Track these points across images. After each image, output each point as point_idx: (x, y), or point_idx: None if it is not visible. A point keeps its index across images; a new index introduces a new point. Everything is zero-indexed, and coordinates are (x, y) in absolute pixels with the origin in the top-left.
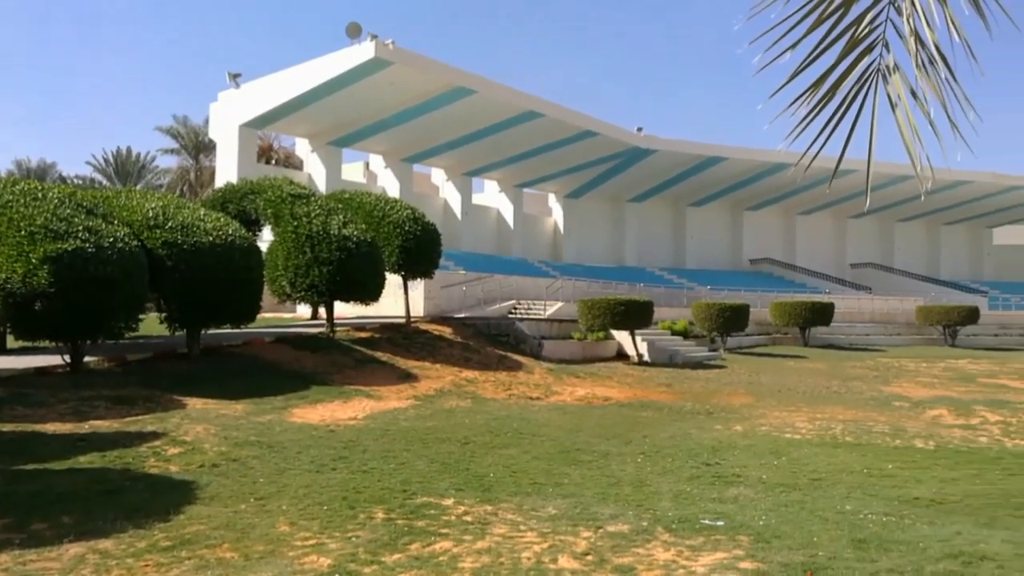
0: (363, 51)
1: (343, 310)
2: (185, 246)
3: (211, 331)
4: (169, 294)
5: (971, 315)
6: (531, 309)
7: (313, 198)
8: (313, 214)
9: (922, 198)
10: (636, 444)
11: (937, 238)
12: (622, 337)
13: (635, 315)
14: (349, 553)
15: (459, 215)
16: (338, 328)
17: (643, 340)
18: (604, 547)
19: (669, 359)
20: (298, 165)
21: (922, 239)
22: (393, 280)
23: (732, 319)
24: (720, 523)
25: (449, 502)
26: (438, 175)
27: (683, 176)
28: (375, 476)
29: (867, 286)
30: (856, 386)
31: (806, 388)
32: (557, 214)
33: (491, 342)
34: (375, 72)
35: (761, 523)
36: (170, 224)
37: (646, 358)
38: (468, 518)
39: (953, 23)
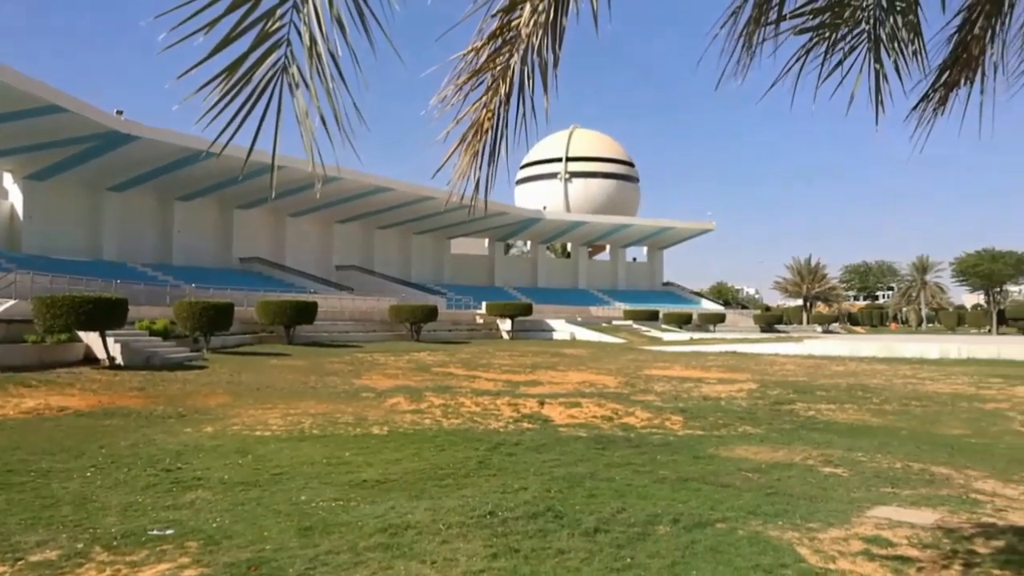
0: None
1: None
2: None
3: None
4: None
5: (432, 313)
6: None
7: None
8: None
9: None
10: (89, 457)
11: (408, 245)
12: (91, 339)
13: (106, 314)
14: None
15: None
16: None
17: (116, 342)
18: None
19: (146, 361)
20: None
21: (397, 245)
22: None
23: (216, 318)
24: (169, 532)
25: None
26: None
27: (170, 168)
28: None
29: (350, 287)
30: (332, 380)
31: (285, 385)
32: (15, 197)
33: None
34: None
35: (214, 525)
36: None
37: (119, 361)
38: None
39: (342, 31)
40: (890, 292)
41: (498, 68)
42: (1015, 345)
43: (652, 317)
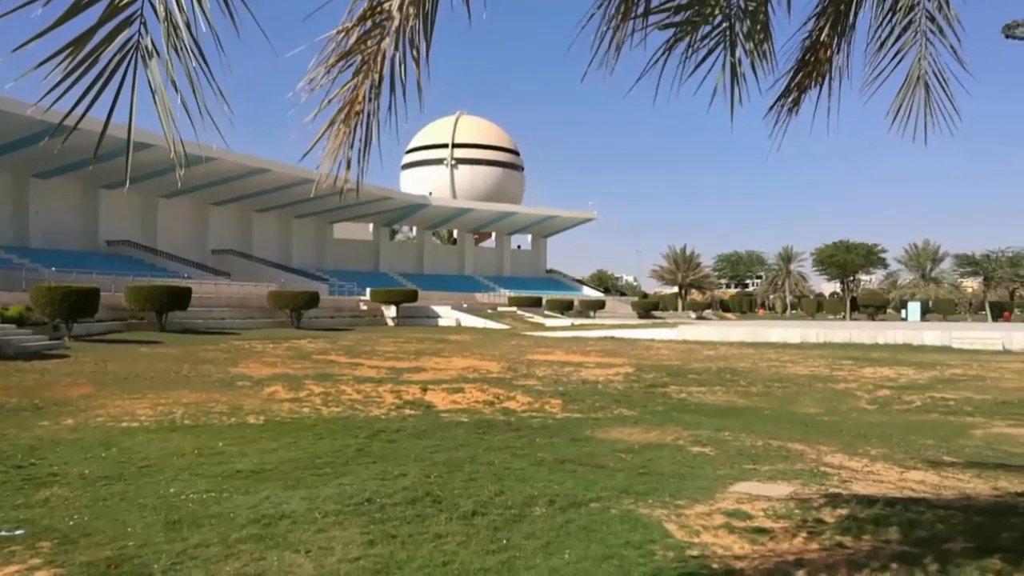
0: None
1: None
2: None
3: None
4: None
5: (313, 299)
6: None
7: None
8: None
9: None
10: None
11: (289, 229)
12: None
13: None
14: None
15: None
16: None
17: None
18: None
19: None
20: None
21: (277, 229)
22: None
23: (79, 304)
24: (19, 532)
25: None
26: None
27: (23, 142)
28: None
29: (227, 272)
30: (206, 369)
31: (155, 374)
32: None
33: None
34: None
35: (71, 523)
36: None
37: None
38: None
39: (204, 11)
40: (759, 280)
41: (368, 51)
42: (864, 330)
43: (536, 304)
